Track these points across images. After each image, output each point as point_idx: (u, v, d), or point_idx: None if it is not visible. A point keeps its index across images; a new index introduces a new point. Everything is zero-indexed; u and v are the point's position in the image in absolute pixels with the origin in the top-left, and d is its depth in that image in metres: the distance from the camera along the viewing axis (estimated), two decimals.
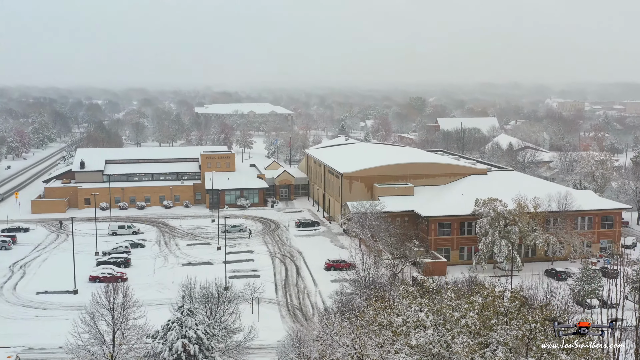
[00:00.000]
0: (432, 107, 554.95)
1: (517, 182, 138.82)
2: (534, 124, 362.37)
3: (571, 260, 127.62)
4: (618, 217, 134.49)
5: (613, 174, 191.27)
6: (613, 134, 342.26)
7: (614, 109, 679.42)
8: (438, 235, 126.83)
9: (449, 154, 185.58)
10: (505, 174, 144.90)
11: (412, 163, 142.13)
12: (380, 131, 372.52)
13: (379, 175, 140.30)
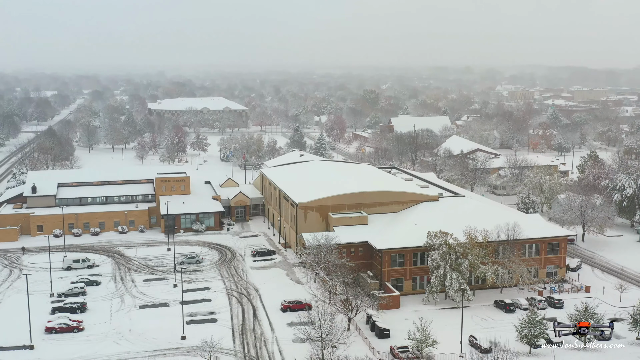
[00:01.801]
0: (385, 100, 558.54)
1: (468, 209, 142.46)
2: (485, 121, 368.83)
3: (520, 288, 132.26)
4: (563, 243, 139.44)
5: (560, 187, 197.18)
6: (561, 131, 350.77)
7: (562, 97, 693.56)
8: (391, 266, 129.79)
9: (402, 171, 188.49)
10: (456, 201, 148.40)
11: (365, 192, 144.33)
12: (335, 129, 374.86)
13: (333, 205, 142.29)
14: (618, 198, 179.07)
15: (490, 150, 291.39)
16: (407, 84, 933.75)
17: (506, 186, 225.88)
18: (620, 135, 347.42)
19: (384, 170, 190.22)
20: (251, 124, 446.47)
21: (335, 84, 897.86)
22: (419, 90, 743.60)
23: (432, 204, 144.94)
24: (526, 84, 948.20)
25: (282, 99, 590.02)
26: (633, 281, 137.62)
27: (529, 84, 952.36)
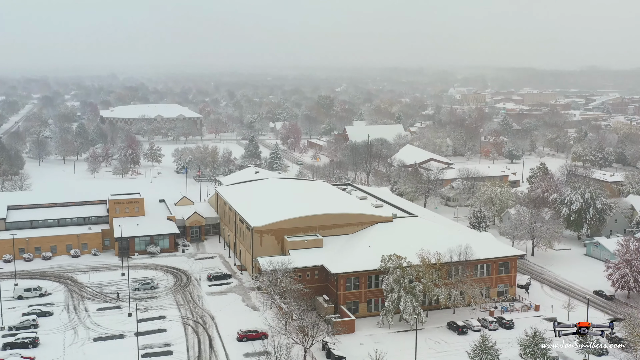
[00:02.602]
0: (340, 105, 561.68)
1: (421, 230, 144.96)
2: (438, 129, 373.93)
3: (472, 308, 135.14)
4: (514, 262, 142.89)
5: (511, 200, 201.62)
6: (511, 138, 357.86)
7: (512, 100, 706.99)
8: (347, 289, 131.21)
9: (357, 189, 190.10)
10: (410, 221, 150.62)
11: (321, 215, 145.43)
12: (290, 138, 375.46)
13: (289, 228, 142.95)
14: (566, 212, 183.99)
15: (443, 159, 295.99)
16: (361, 86, 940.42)
17: (459, 198, 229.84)
18: (569, 142, 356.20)
19: (339, 187, 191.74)
20: (206, 131, 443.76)
21: (289, 86, 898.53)
22: (373, 94, 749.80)
23: (386, 225, 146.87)
24: (478, 86, 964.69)
25: (236, 105, 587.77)
26: (580, 298, 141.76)
27: (480, 86, 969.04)
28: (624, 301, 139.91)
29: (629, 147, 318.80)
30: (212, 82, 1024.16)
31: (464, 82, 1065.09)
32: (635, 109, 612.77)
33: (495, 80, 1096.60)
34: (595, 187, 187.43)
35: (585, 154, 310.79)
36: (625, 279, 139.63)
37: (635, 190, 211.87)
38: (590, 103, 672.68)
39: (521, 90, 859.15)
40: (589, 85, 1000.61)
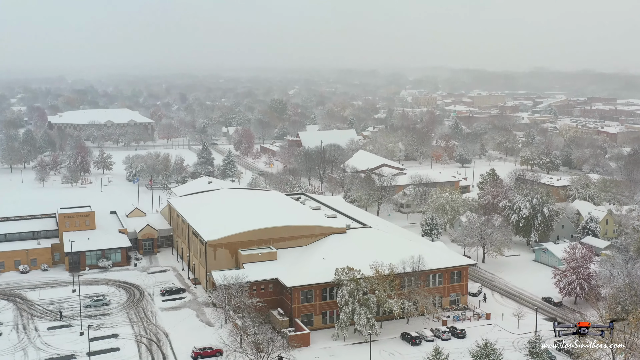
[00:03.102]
0: (293, 109, 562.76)
1: (374, 241, 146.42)
2: (390, 133, 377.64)
3: (425, 317, 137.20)
4: (465, 271, 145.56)
5: (462, 207, 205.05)
6: (462, 142, 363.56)
7: (463, 102, 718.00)
8: (301, 302, 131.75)
9: (310, 198, 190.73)
10: (363, 232, 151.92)
11: (275, 227, 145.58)
12: (243, 143, 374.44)
13: (243, 241, 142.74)
14: (515, 219, 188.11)
15: (396, 164, 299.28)
16: (314, 88, 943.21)
17: (411, 204, 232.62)
18: (517, 146, 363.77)
19: (293, 196, 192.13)
20: (157, 137, 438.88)
21: (242, 89, 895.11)
22: (325, 97, 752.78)
23: (340, 237, 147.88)
24: (429, 87, 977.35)
25: (188, 109, 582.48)
26: (529, 305, 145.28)
27: (431, 88, 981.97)
28: (572, 307, 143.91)
29: (574, 151, 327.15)
30: (164, 85, 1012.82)
31: (415, 83, 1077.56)
32: (581, 111, 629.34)
33: (447, 82, 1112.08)
34: (543, 193, 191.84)
35: (533, 157, 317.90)
36: (572, 286, 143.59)
37: (580, 196, 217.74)
38: (538, 105, 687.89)
39: (471, 92, 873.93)
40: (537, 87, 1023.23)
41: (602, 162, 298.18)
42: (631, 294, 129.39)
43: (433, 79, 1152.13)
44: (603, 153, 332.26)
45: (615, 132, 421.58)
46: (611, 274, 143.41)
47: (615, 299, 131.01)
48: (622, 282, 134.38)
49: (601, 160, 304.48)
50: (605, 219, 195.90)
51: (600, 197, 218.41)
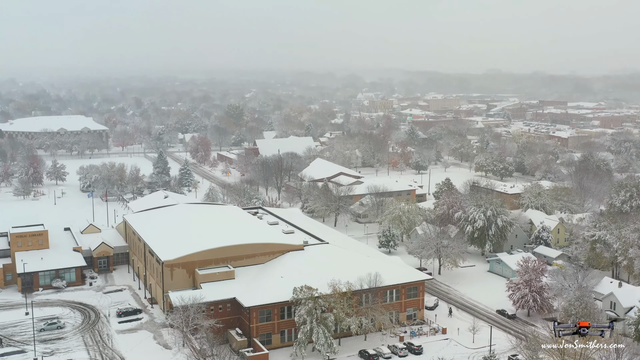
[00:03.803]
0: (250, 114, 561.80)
1: (332, 258, 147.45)
2: (347, 140, 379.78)
3: (382, 333, 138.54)
4: (421, 286, 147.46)
5: (418, 217, 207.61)
6: (417, 148, 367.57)
7: (419, 106, 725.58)
8: (260, 322, 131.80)
9: (268, 212, 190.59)
10: (321, 249, 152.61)
11: (232, 246, 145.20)
12: (200, 151, 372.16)
13: (200, 260, 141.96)
14: (470, 229, 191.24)
15: (353, 172, 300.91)
16: (271, 91, 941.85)
17: (368, 214, 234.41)
18: (472, 152, 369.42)
19: (250, 210, 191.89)
20: (112, 144, 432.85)
21: (198, 92, 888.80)
22: (282, 100, 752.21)
23: (298, 254, 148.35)
24: (385, 90, 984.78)
25: (144, 114, 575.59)
26: (484, 318, 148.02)
27: (387, 90, 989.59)
28: (525, 320, 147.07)
29: (527, 157, 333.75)
30: (118, 88, 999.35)
31: (372, 86, 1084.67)
32: (533, 115, 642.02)
33: (402, 85, 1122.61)
34: (497, 204, 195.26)
35: (487, 164, 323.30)
36: (525, 299, 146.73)
37: (533, 205, 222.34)
38: (492, 109, 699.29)
39: (427, 95, 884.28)
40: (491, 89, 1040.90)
41: (553, 169, 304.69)
42: (582, 307, 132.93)
43: (389, 82, 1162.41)
44: (555, 159, 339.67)
45: (566, 137, 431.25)
46: (562, 286, 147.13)
47: (566, 312, 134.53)
48: (573, 295, 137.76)
49: (553, 166, 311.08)
50: (557, 228, 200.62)
51: (552, 206, 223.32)
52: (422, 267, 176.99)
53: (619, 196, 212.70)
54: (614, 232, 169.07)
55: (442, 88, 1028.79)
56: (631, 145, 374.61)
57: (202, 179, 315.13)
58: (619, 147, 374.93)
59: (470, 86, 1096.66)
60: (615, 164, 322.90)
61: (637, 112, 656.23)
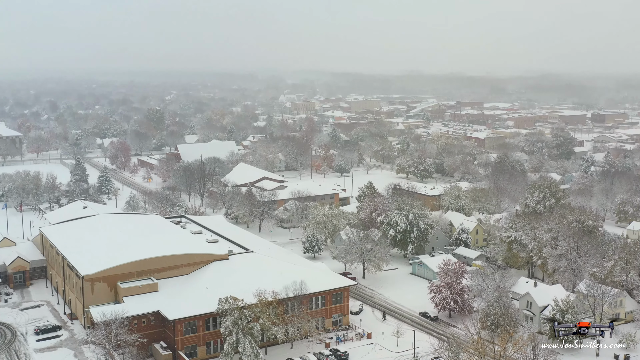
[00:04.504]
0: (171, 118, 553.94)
1: (257, 267, 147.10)
2: (270, 144, 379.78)
3: (308, 340, 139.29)
4: (346, 292, 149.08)
5: (342, 221, 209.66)
6: (340, 150, 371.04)
7: (341, 108, 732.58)
8: (184, 334, 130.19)
9: (191, 221, 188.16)
10: (246, 258, 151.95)
11: (155, 257, 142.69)
12: (119, 157, 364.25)
13: (122, 274, 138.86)
14: (392, 233, 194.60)
15: (276, 177, 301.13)
16: (192, 94, 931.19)
17: (293, 219, 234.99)
18: (393, 154, 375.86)
19: (173, 219, 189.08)
20: (26, 151, 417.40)
21: (117, 95, 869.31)
22: (204, 103, 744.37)
23: (222, 264, 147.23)
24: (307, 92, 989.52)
25: (60, 119, 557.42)
26: (408, 321, 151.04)
27: (309, 92, 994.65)
28: (447, 321, 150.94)
29: (446, 158, 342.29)
30: (32, 91, 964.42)
31: (294, 88, 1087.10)
32: (451, 116, 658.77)
33: (324, 86, 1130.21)
34: (418, 207, 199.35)
35: (408, 166, 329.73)
36: (447, 301, 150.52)
37: (452, 207, 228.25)
38: (412, 110, 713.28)
39: (348, 96, 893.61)
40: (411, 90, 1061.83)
41: (471, 170, 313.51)
42: (500, 307, 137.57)
43: (311, 83, 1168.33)
44: (472, 160, 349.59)
45: (483, 138, 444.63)
46: (482, 287, 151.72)
47: (485, 313, 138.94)
48: (492, 296, 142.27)
49: (471, 167, 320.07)
50: (476, 229, 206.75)
51: (471, 207, 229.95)
52: (346, 272, 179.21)
53: (533, 197, 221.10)
54: (529, 232, 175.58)
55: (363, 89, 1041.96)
56: (543, 145, 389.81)
57: (123, 185, 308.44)
58: (532, 148, 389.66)
59: (390, 87, 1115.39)
60: (529, 164, 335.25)
61: (549, 112, 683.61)
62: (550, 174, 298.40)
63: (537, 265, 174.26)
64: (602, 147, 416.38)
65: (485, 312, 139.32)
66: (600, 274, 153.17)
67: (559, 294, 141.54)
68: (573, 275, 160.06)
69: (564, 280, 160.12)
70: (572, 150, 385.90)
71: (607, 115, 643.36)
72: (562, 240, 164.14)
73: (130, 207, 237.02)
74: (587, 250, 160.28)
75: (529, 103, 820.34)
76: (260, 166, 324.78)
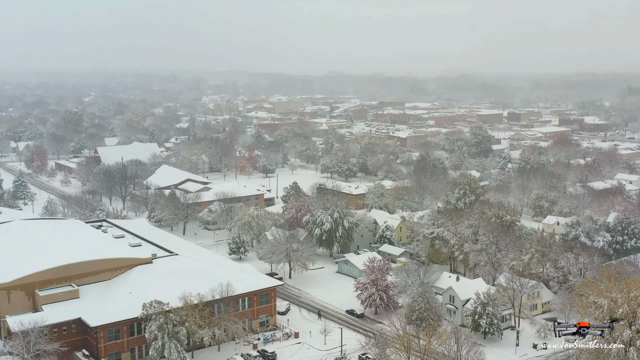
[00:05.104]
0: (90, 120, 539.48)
1: (182, 270, 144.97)
2: (193, 145, 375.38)
3: (236, 342, 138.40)
4: (273, 292, 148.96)
5: (268, 222, 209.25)
6: (264, 151, 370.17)
7: (264, 108, 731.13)
8: (108, 341, 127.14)
9: (113, 225, 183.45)
10: (171, 261, 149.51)
11: (75, 263, 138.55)
12: (35, 161, 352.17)
13: (40, 281, 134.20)
14: (318, 232, 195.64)
15: (200, 178, 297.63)
16: (112, 95, 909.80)
17: (218, 221, 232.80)
18: (317, 154, 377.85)
19: (94, 224, 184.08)
20: None
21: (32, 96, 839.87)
22: (124, 105, 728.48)
23: (146, 268, 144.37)
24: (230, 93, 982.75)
25: None
26: (335, 319, 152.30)
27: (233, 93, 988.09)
28: (373, 318, 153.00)
29: (370, 157, 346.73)
30: None
31: (217, 89, 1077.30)
32: (374, 116, 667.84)
33: (247, 87, 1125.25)
34: (343, 206, 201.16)
35: (332, 165, 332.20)
36: (373, 298, 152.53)
37: (376, 205, 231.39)
38: (335, 110, 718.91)
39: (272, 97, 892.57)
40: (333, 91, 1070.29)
41: (394, 168, 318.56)
42: (424, 302, 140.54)
43: (234, 84, 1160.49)
44: (395, 158, 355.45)
45: (405, 137, 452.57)
46: (406, 283, 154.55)
47: (410, 308, 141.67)
48: (416, 291, 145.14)
49: (393, 166, 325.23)
50: (399, 226, 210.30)
51: (394, 205, 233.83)
52: (273, 272, 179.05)
53: (453, 194, 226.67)
54: (451, 228, 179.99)
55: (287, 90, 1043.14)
56: (463, 143, 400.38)
57: (40, 190, 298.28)
58: (452, 146, 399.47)
59: (313, 88, 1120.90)
60: (449, 162, 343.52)
61: (467, 112, 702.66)
62: (469, 171, 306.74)
63: (459, 260, 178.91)
64: (518, 145, 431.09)
65: (410, 307, 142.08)
66: (518, 267, 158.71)
67: (480, 288, 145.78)
68: (493, 268, 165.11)
69: (484, 274, 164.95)
70: (490, 148, 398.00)
71: (522, 114, 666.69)
72: (482, 235, 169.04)
73: (48, 212, 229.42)
74: (506, 244, 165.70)
75: (448, 103, 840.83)
76: (183, 168, 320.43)
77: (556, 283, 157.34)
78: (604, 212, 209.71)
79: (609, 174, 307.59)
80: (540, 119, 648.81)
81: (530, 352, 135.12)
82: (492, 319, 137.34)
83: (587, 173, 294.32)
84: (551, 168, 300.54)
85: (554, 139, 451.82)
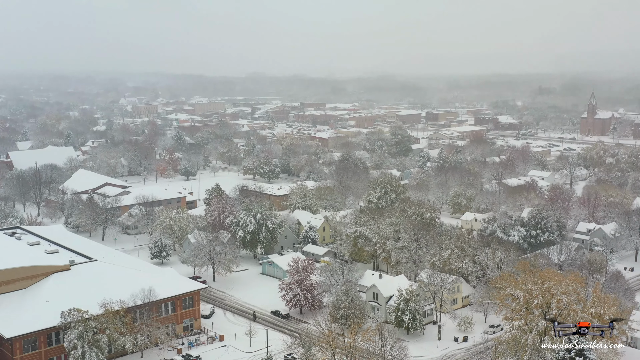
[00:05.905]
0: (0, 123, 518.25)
1: (102, 276, 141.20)
2: (111, 149, 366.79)
3: (159, 348, 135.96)
4: (197, 296, 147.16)
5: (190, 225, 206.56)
6: (186, 154, 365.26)
7: (184, 110, 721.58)
8: (24, 352, 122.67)
9: (27, 232, 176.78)
10: (90, 267, 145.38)
11: None
12: None
13: None
14: (242, 234, 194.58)
15: (119, 182, 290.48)
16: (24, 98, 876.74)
17: (138, 225, 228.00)
18: (239, 155, 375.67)
19: (6, 231, 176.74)
20: None
21: None
22: (37, 107, 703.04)
23: (64, 275, 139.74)
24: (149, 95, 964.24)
25: None
26: (260, 320, 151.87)
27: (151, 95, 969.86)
28: (298, 318, 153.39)
29: (292, 158, 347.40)
30: None
31: (135, 91, 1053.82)
32: (295, 117, 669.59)
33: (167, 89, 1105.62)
34: (266, 208, 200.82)
35: (254, 167, 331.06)
36: (297, 298, 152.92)
37: (300, 205, 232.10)
38: (256, 112, 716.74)
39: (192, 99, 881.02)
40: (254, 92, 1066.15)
41: (316, 169, 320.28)
42: (348, 300, 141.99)
43: (152, 86, 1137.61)
44: (317, 159, 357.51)
45: (326, 137, 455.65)
46: (330, 282, 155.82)
47: (335, 307, 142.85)
48: (340, 290, 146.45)
49: (316, 166, 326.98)
50: (323, 226, 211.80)
51: (317, 205, 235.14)
52: (196, 276, 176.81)
53: (375, 193, 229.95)
54: (373, 227, 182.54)
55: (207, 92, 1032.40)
56: (383, 143, 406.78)
57: None
58: (373, 146, 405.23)
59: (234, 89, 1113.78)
60: (370, 161, 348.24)
61: (387, 112, 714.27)
62: (390, 170, 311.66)
63: (382, 258, 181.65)
64: (436, 144, 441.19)
65: (335, 306, 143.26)
66: (439, 263, 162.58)
67: (402, 284, 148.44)
68: (415, 265, 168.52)
69: (406, 270, 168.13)
70: (409, 148, 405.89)
71: (439, 114, 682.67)
72: (403, 233, 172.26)
73: None
74: (427, 241, 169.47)
75: (368, 103, 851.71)
76: (101, 172, 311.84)
77: (475, 277, 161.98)
78: (518, 208, 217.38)
79: (522, 171, 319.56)
80: (457, 119, 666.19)
81: (451, 345, 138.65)
82: (414, 314, 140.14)
83: (502, 170, 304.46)
84: (468, 166, 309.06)
85: (470, 138, 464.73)
